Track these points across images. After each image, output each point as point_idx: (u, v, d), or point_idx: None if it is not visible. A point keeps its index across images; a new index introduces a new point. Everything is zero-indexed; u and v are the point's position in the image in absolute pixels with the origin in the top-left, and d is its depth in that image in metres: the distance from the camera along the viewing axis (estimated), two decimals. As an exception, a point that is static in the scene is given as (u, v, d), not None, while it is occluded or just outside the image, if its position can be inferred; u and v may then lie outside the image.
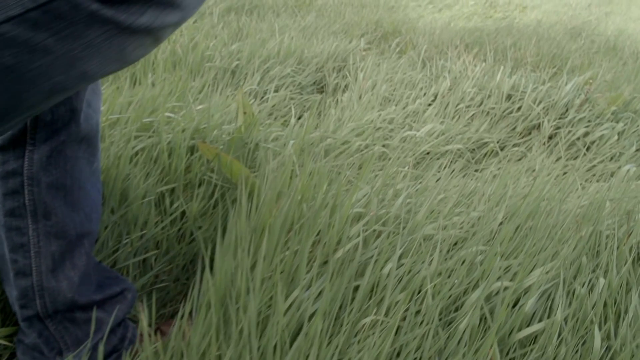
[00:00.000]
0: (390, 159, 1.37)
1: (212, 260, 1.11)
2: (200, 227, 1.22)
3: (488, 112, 1.78)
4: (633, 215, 1.10)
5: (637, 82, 2.29)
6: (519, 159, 1.66)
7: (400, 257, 0.89)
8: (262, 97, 1.74)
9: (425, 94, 1.85)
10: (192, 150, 1.27)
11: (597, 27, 3.83)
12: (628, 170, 1.42)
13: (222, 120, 1.46)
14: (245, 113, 1.35)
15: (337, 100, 1.88)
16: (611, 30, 3.80)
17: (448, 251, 0.97)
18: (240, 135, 1.31)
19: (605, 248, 0.99)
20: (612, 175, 1.64)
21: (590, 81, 1.80)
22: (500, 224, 1.06)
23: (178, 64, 1.85)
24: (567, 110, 1.78)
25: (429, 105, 1.79)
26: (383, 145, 1.42)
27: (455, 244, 0.99)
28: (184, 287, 1.21)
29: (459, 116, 1.77)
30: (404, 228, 0.98)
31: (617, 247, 1.01)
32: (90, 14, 0.45)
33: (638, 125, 1.88)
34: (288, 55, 1.99)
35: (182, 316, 0.91)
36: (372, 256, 0.87)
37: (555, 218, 1.02)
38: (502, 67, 1.90)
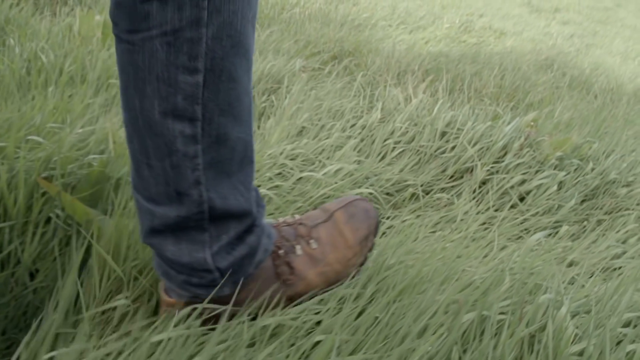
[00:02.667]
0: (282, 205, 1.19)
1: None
2: (37, 271, 1.04)
3: (418, 151, 1.61)
4: (535, 297, 0.93)
5: (597, 123, 2.12)
6: (444, 206, 1.49)
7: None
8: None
9: (352, 126, 1.68)
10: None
11: (575, 59, 3.69)
12: (541, 238, 1.25)
13: (100, 149, 1.28)
14: (115, 142, 1.17)
15: (259, 126, 1.71)
16: (587, 63, 3.66)
17: (298, 338, 0.79)
18: (103, 168, 1.13)
19: (490, 339, 0.81)
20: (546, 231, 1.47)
21: (532, 124, 1.63)
22: (371, 301, 0.88)
23: (86, 77, 1.68)
24: (505, 153, 1.61)
25: (354, 139, 1.62)
26: (276, 186, 1.24)
27: (314, 326, 0.81)
28: (13, 343, 1.02)
29: (385, 154, 1.60)
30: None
31: (511, 337, 0.84)
32: None
33: (586, 174, 1.72)
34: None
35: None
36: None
37: (431, 298, 0.84)
38: (440, 100, 1.73)
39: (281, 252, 0.79)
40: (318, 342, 0.76)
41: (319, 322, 0.83)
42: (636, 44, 5.15)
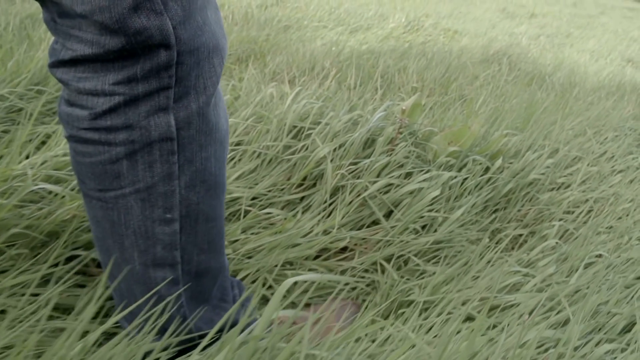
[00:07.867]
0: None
1: None
2: None
3: (259, 154, 1.20)
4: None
5: (526, 114, 1.71)
6: (280, 224, 1.07)
7: None
8: None
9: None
10: None
11: (534, 56, 3.29)
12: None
13: None
14: None
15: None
16: (550, 60, 3.26)
17: None
18: None
19: None
20: (415, 255, 1.04)
21: (403, 108, 1.22)
22: None
23: None
24: (373, 150, 1.20)
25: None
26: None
27: None
28: None
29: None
30: None
31: None
32: None
33: (501, 172, 1.30)
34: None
35: None
36: None
37: None
38: (297, 89, 1.32)
39: None
40: None
41: None
42: (610, 43, 4.75)
